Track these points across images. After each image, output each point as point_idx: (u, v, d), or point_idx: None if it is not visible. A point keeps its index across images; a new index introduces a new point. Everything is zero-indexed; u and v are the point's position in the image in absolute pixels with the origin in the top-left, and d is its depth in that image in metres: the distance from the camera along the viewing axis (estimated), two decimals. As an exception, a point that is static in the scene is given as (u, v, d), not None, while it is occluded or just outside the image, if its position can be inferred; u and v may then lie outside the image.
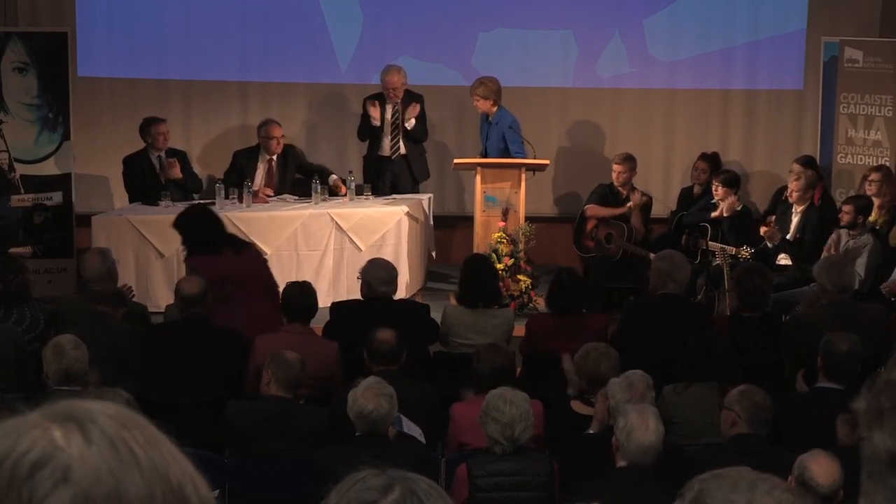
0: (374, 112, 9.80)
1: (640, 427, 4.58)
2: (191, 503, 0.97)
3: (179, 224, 7.31)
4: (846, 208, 8.64)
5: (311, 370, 5.96)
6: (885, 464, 1.28)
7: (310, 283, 6.85)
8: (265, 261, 7.50)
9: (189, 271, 7.04)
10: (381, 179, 9.88)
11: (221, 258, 6.96)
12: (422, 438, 5.59)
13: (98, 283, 7.06)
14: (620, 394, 5.18)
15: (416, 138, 9.90)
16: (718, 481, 1.51)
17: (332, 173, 9.82)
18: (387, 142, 9.92)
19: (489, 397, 5.05)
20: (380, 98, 9.88)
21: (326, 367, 6.38)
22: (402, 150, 9.90)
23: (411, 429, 5.55)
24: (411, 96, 9.89)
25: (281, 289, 6.95)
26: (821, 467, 4.31)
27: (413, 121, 9.81)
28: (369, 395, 5.04)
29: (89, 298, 6.65)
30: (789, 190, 9.13)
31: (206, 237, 7.10)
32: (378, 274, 7.05)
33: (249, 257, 7.21)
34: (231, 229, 8.89)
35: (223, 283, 6.77)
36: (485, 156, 9.68)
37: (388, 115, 9.87)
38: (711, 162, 10.07)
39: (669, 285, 7.00)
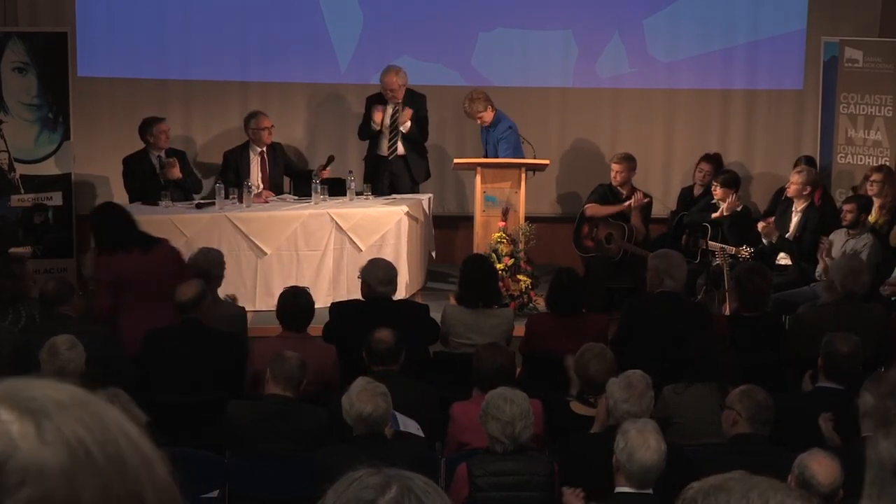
0: (378, 117, 9.79)
1: (641, 446, 4.49)
2: (145, 498, 0.95)
3: (92, 224, 7.30)
4: (849, 207, 8.63)
5: (310, 374, 5.95)
6: (891, 472, 1.27)
7: (304, 290, 6.81)
8: (179, 258, 7.33)
9: (96, 269, 7.04)
10: (380, 179, 9.88)
11: (128, 257, 6.93)
12: (419, 432, 5.59)
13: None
14: (619, 393, 5.18)
15: (413, 140, 9.88)
16: (720, 495, 1.48)
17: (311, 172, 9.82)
18: (384, 143, 9.92)
19: (489, 396, 5.06)
20: (381, 98, 9.87)
21: (325, 372, 6.38)
22: (400, 152, 9.89)
23: (407, 425, 5.55)
24: (413, 96, 9.88)
25: (279, 292, 6.94)
26: (821, 466, 4.31)
27: (408, 124, 9.79)
28: (366, 397, 5.04)
29: (46, 306, 6.61)
30: (789, 182, 9.12)
31: (115, 236, 7.06)
32: (377, 274, 7.05)
33: (160, 255, 7.09)
34: (231, 229, 8.94)
35: (129, 282, 6.83)
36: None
37: (388, 116, 9.86)
38: (714, 163, 10.05)
39: (666, 283, 7.01)
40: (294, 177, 10.06)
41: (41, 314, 6.65)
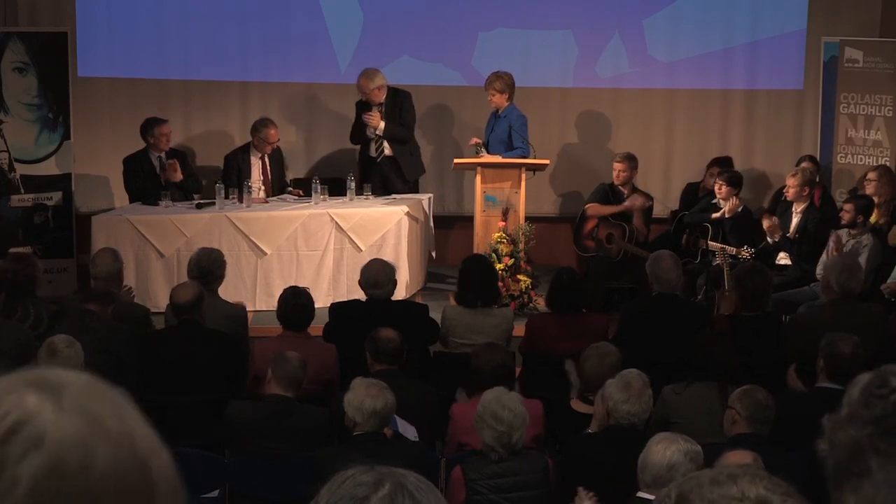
0: (374, 121, 9.75)
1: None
2: (153, 475, 0.98)
3: None
4: (847, 207, 8.64)
5: (310, 374, 5.96)
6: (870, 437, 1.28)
7: (305, 290, 6.82)
8: None
9: None
10: (372, 181, 9.83)
11: None
12: (415, 438, 5.60)
13: (107, 283, 7.08)
14: (618, 394, 5.17)
15: (398, 139, 9.83)
16: (694, 482, 1.50)
17: (291, 188, 9.87)
18: (372, 145, 9.90)
19: (485, 402, 5.00)
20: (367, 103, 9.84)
21: (325, 371, 6.39)
22: (387, 152, 9.85)
23: (405, 428, 5.56)
24: (396, 94, 9.84)
25: (279, 292, 6.95)
26: (737, 458, 4.37)
27: (382, 124, 9.75)
28: (375, 392, 5.05)
29: (77, 298, 6.64)
30: (787, 187, 9.13)
31: None
32: (366, 276, 7.09)
33: None
34: (231, 229, 8.96)
35: None
36: (486, 148, 9.61)
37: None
38: (725, 167, 9.94)
39: (655, 287, 7.05)
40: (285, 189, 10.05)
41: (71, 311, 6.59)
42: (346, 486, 1.41)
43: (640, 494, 4.49)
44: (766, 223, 8.93)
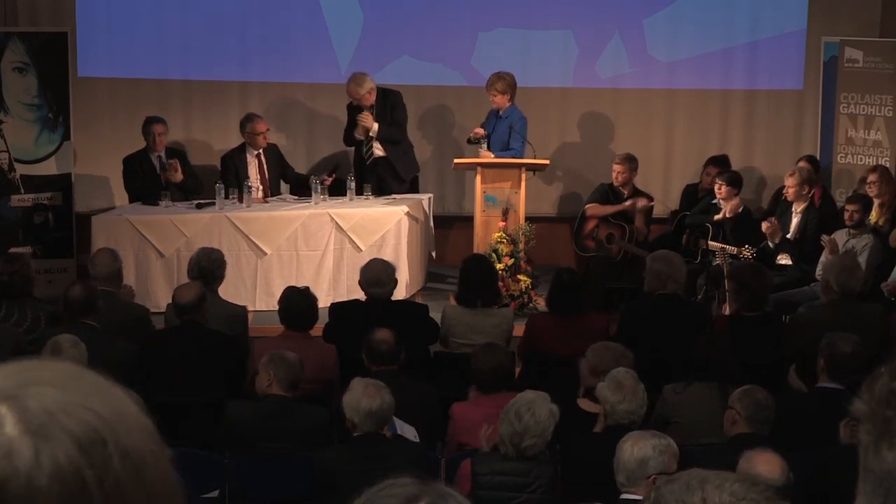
0: (359, 131, 9.75)
1: None
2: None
3: None
4: (853, 207, 8.62)
5: (310, 373, 5.97)
6: None
7: (310, 291, 6.81)
8: None
9: None
10: (367, 182, 9.81)
11: None
12: (416, 439, 5.59)
13: (107, 283, 7.07)
14: (613, 396, 5.17)
15: (390, 140, 9.82)
16: (671, 485, 1.51)
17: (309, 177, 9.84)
18: (362, 148, 9.89)
19: (519, 398, 5.00)
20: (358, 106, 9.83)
21: (325, 371, 6.39)
22: (377, 154, 9.83)
23: (405, 430, 5.56)
24: (386, 95, 9.83)
25: (279, 292, 6.95)
26: (766, 464, 4.34)
27: (376, 126, 9.74)
28: (372, 393, 5.05)
29: (72, 313, 6.52)
30: (786, 187, 9.13)
31: None
32: (366, 275, 7.09)
33: None
34: (231, 229, 8.96)
35: None
36: (486, 147, 9.61)
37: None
38: (721, 165, 9.96)
39: (668, 285, 7.02)
40: (292, 183, 10.03)
41: (67, 320, 6.45)
42: (380, 494, 1.34)
43: (622, 496, 4.49)
44: (765, 226, 8.93)
